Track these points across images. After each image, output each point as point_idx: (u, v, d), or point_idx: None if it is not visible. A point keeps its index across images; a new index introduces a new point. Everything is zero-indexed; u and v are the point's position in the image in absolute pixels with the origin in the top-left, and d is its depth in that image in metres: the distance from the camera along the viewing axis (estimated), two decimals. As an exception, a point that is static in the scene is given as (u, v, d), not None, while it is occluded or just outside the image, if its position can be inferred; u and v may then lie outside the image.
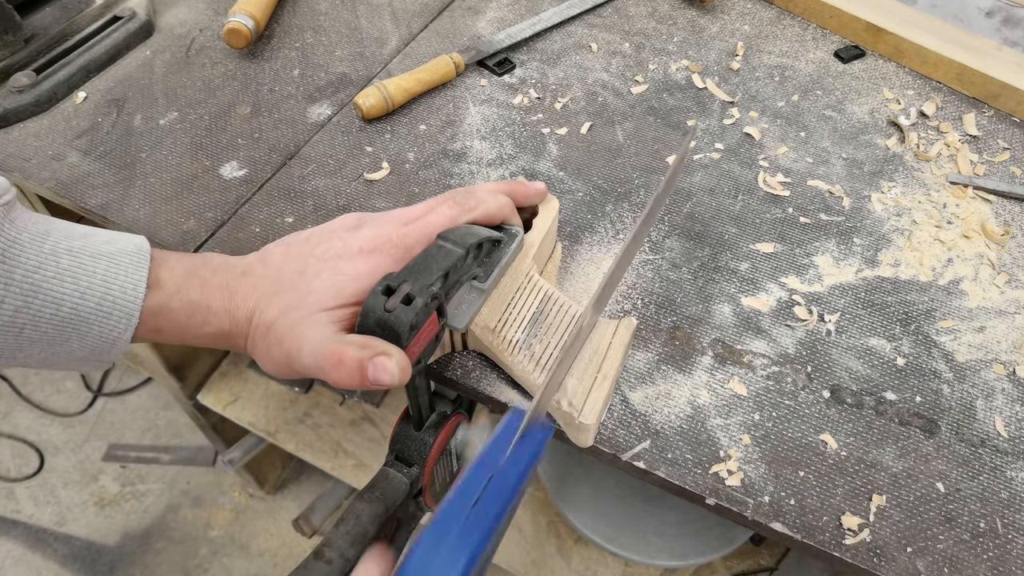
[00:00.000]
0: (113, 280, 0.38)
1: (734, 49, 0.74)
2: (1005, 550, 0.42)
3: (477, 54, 0.70)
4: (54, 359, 0.39)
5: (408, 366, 0.36)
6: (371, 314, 0.37)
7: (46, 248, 0.37)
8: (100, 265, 0.38)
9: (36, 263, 0.36)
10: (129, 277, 0.39)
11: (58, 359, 0.39)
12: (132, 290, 0.39)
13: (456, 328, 0.44)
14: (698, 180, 0.62)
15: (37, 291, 0.36)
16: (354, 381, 0.36)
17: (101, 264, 0.38)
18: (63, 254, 0.38)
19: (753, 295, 0.54)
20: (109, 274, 0.38)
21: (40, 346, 0.38)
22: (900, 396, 0.49)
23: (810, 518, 0.43)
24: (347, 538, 0.38)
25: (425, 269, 0.39)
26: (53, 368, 0.41)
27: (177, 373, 1.08)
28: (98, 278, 0.38)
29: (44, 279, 0.37)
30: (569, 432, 0.44)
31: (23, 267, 0.36)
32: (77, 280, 0.37)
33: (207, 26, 0.74)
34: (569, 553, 1.09)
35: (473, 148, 0.63)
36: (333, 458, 1.13)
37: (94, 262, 0.38)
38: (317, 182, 0.60)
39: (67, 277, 0.37)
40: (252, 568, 1.36)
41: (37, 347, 0.38)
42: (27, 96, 0.63)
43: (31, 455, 1.49)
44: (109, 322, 0.38)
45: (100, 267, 0.38)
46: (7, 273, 0.35)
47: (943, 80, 0.72)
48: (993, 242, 0.58)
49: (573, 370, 0.44)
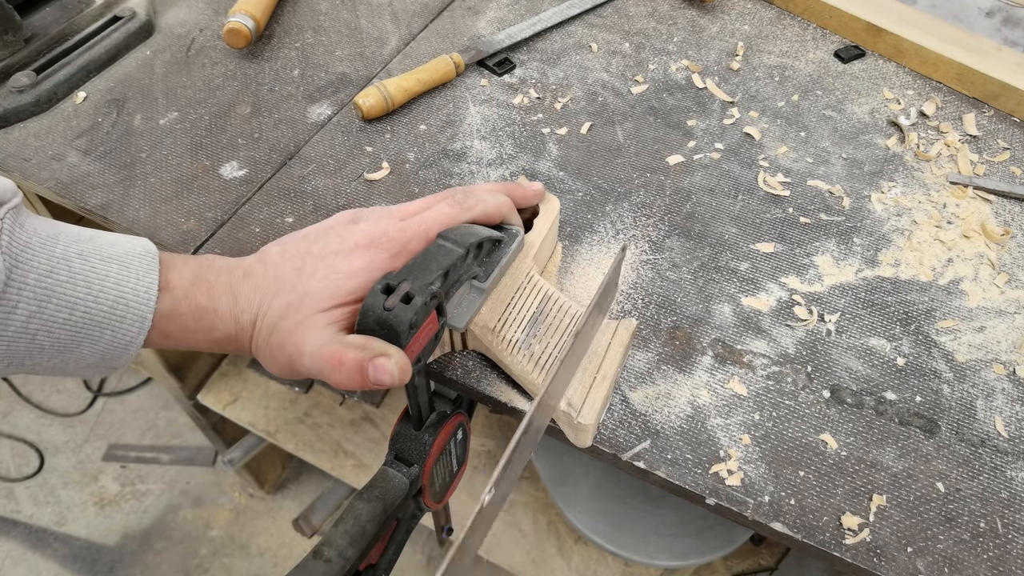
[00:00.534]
0: (125, 283, 0.38)
1: (734, 49, 0.74)
2: (1005, 550, 0.42)
3: (477, 54, 0.70)
4: (63, 366, 0.39)
5: (408, 366, 0.36)
6: (370, 313, 0.37)
7: (57, 252, 0.37)
8: (112, 268, 0.38)
9: (48, 267, 0.36)
10: (141, 280, 0.38)
11: (66, 366, 0.39)
12: (144, 293, 0.38)
13: (456, 328, 0.44)
14: (698, 180, 0.62)
15: (51, 295, 0.36)
16: (355, 382, 0.36)
17: (112, 268, 0.38)
18: (74, 258, 0.37)
19: (753, 295, 0.54)
20: (121, 277, 0.38)
21: (50, 353, 0.37)
22: (900, 396, 0.49)
23: (810, 518, 0.43)
24: (346, 538, 0.38)
25: (425, 268, 0.39)
26: (58, 375, 0.41)
27: (177, 373, 1.08)
28: (111, 281, 0.38)
29: (57, 283, 0.36)
30: (568, 432, 0.44)
31: (36, 271, 0.36)
32: (90, 284, 0.37)
33: (207, 26, 0.74)
34: (569, 553, 1.09)
35: (473, 148, 0.63)
36: (333, 458, 1.13)
37: (105, 265, 0.38)
38: (317, 182, 0.60)
39: (80, 281, 0.37)
40: (252, 568, 1.36)
41: (47, 354, 0.37)
42: (27, 96, 0.63)
43: (31, 455, 1.49)
44: (123, 326, 0.38)
45: (112, 270, 0.38)
46: (21, 277, 0.35)
47: (943, 80, 0.72)
48: (993, 242, 0.58)
49: (572, 370, 0.44)
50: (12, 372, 0.39)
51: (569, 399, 0.43)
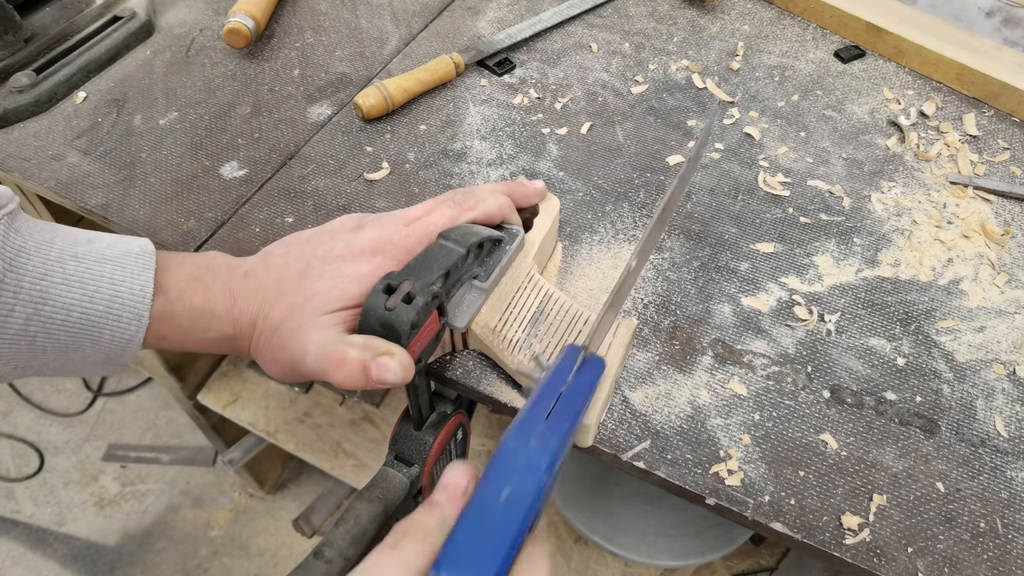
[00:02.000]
0: (120, 283, 0.38)
1: (734, 49, 0.74)
2: (1005, 550, 0.42)
3: (477, 54, 0.70)
4: (70, 365, 0.39)
5: (411, 365, 0.36)
6: (372, 312, 0.37)
7: (52, 255, 0.37)
8: (106, 269, 0.38)
9: (43, 270, 0.36)
10: (136, 279, 0.39)
11: (73, 365, 0.39)
12: (140, 291, 0.39)
13: (457, 327, 0.44)
14: (698, 180, 0.62)
15: (47, 298, 0.36)
16: (358, 382, 0.36)
17: (107, 268, 0.38)
18: (69, 260, 0.37)
19: (753, 295, 0.54)
20: (116, 277, 0.38)
21: (53, 353, 0.38)
22: (900, 396, 0.49)
23: (810, 518, 0.43)
24: (347, 538, 0.38)
25: (426, 268, 0.39)
26: (70, 375, 0.41)
27: (177, 373, 1.08)
28: (105, 282, 0.38)
29: (52, 285, 0.37)
30: None
31: (31, 275, 0.36)
32: (85, 285, 0.37)
33: (207, 26, 0.74)
34: (569, 553, 1.09)
35: (473, 148, 0.63)
36: (333, 458, 1.13)
37: (100, 266, 0.38)
38: (317, 182, 0.60)
39: (74, 282, 0.37)
40: (252, 568, 1.36)
41: (51, 355, 0.38)
42: (27, 96, 0.63)
43: (31, 455, 1.49)
44: (120, 325, 0.38)
45: (107, 271, 0.38)
46: (15, 282, 0.35)
47: (943, 80, 0.72)
48: (993, 242, 0.58)
49: None
50: (23, 375, 0.39)
51: None
